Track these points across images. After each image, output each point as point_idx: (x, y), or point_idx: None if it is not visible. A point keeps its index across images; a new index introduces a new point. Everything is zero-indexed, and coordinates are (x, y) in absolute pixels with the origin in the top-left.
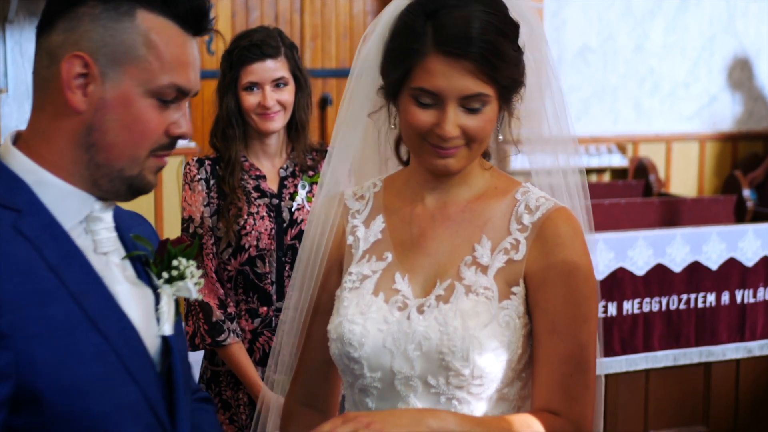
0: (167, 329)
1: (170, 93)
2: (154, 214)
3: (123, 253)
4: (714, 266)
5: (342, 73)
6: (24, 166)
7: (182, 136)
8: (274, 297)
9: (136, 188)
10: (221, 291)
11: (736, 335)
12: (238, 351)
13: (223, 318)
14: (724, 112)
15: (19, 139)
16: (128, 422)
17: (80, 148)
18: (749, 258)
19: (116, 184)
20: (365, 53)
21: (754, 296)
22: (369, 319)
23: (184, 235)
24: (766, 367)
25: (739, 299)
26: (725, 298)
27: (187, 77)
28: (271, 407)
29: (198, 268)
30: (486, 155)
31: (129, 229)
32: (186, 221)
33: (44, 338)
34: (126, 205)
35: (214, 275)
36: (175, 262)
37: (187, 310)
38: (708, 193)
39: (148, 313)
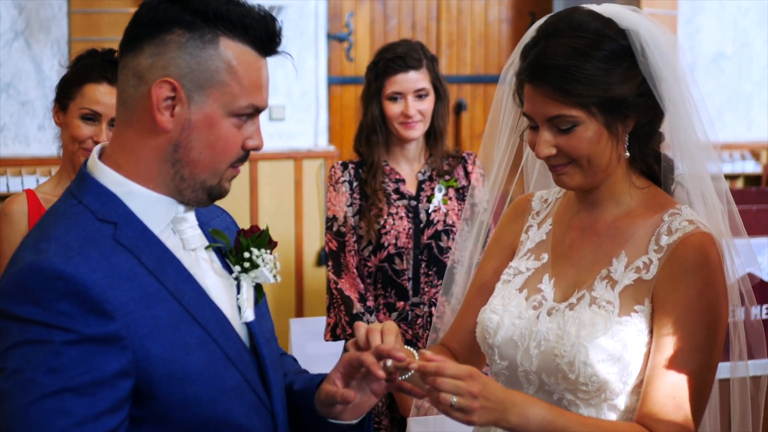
0: (249, 315)
1: (247, 112)
2: (294, 212)
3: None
4: None
5: (477, 80)
6: (113, 179)
7: (255, 149)
8: (411, 292)
9: (215, 196)
10: (361, 285)
11: None
12: None
13: (362, 311)
14: None
15: (103, 154)
16: (234, 403)
17: (166, 163)
18: None
19: (198, 194)
20: None
21: None
22: (507, 311)
23: (329, 233)
24: None
25: None
26: None
27: (262, 97)
28: None
29: (270, 254)
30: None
31: (208, 224)
32: (330, 220)
33: (155, 336)
34: (270, 203)
35: (355, 271)
36: (246, 254)
37: (329, 302)
38: None
39: (234, 301)
